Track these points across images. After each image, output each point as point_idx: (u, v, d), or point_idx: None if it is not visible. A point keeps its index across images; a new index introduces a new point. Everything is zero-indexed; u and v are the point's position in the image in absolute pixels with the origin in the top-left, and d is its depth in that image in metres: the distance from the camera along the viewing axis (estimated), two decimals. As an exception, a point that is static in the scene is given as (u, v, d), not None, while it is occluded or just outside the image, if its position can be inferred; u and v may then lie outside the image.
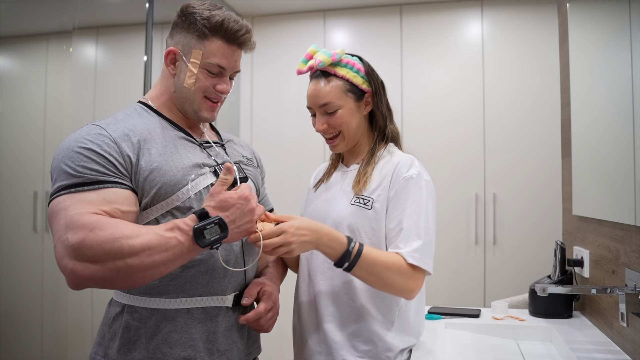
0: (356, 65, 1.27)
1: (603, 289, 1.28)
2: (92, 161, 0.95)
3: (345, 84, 1.25)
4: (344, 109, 1.25)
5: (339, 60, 1.26)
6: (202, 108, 1.11)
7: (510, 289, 2.67)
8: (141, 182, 1.00)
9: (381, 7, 3.12)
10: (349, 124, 1.26)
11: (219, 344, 1.07)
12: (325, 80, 1.25)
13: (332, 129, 1.27)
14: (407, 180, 1.20)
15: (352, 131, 1.27)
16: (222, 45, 1.08)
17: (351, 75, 1.25)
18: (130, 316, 1.04)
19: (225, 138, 1.25)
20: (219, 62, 1.08)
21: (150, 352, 1.02)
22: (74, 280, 0.88)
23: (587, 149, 1.64)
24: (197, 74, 1.08)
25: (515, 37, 2.93)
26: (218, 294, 1.07)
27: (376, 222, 1.21)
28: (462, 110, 2.97)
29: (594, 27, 1.60)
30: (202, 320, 1.06)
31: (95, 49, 2.70)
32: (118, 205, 0.95)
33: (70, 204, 0.91)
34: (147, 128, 1.06)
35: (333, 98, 1.24)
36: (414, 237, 1.16)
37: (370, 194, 1.22)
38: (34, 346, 2.33)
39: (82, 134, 0.99)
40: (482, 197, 2.91)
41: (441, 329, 1.54)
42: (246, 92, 3.29)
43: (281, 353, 3.10)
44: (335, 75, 1.25)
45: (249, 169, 1.22)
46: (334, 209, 1.26)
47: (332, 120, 1.26)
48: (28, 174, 2.33)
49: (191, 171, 1.05)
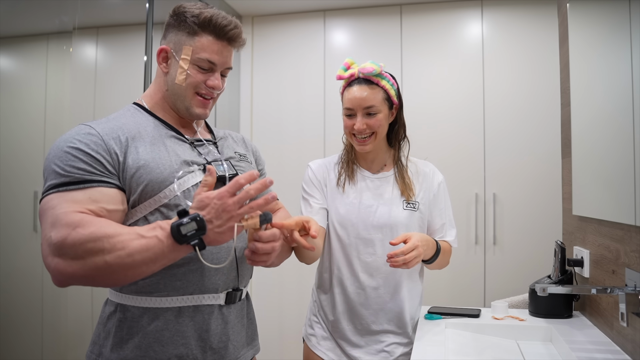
0: (391, 80, 1.52)
1: (603, 289, 1.28)
2: (80, 160, 0.97)
3: (384, 94, 1.48)
4: (382, 114, 1.48)
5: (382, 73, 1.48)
6: (193, 104, 1.12)
7: (510, 288, 2.67)
8: (128, 179, 1.02)
9: (381, 7, 3.12)
10: (383, 127, 1.50)
11: (211, 342, 1.08)
12: (369, 87, 1.47)
13: (369, 129, 1.48)
14: (440, 185, 1.58)
15: (382, 134, 1.52)
16: (211, 40, 1.09)
17: (389, 87, 1.49)
18: (122, 315, 1.05)
19: (218, 135, 1.25)
20: (209, 57, 1.09)
21: (143, 351, 1.03)
22: (58, 277, 0.90)
23: (587, 149, 1.64)
24: (188, 70, 1.09)
25: (515, 37, 2.93)
26: (210, 291, 1.08)
27: (422, 220, 1.54)
28: (462, 110, 2.97)
29: (594, 27, 1.60)
30: (194, 318, 1.06)
31: (96, 49, 2.70)
32: (104, 204, 0.97)
33: (57, 203, 0.93)
34: (137, 127, 1.08)
35: (377, 103, 1.46)
36: (451, 227, 1.59)
37: (416, 199, 1.53)
38: (34, 346, 2.33)
39: (72, 133, 1.02)
40: (482, 197, 2.91)
41: (441, 329, 1.54)
42: (246, 92, 3.29)
43: (281, 353, 3.10)
44: (378, 85, 1.47)
45: (241, 164, 1.22)
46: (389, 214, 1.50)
47: (372, 122, 1.47)
48: (28, 174, 2.33)
49: (179, 169, 1.06)
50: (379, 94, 1.47)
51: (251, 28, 3.30)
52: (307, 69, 3.21)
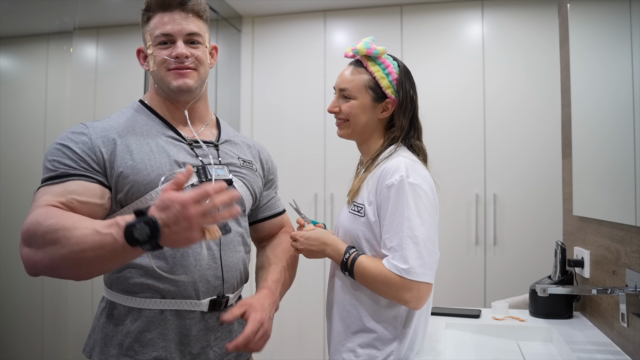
0: (390, 69, 1.28)
1: (603, 289, 1.27)
2: (66, 157, 1.01)
3: (370, 80, 1.26)
4: (357, 101, 1.26)
5: (376, 57, 1.28)
6: (170, 79, 1.11)
7: (510, 289, 2.67)
8: (114, 178, 1.03)
9: (382, 7, 3.11)
10: (357, 117, 1.27)
11: (191, 347, 1.07)
12: (355, 69, 1.29)
13: (342, 114, 1.29)
14: (389, 189, 1.15)
15: (359, 125, 1.27)
16: (160, 15, 1.11)
17: (379, 75, 1.27)
18: (110, 312, 1.08)
19: (223, 138, 1.23)
20: (162, 30, 1.10)
21: (124, 350, 1.04)
22: (26, 266, 0.92)
23: (588, 150, 1.64)
24: (153, 53, 1.11)
25: (515, 38, 2.93)
26: (191, 297, 1.07)
27: (370, 229, 1.19)
28: (462, 110, 2.97)
29: (594, 27, 1.60)
30: (175, 322, 1.06)
31: (96, 49, 2.70)
32: (76, 195, 0.98)
33: (39, 196, 0.98)
34: (133, 125, 1.09)
35: (352, 87, 1.26)
36: (397, 247, 1.11)
37: (362, 201, 1.21)
38: (34, 346, 2.33)
39: (67, 132, 1.06)
40: (483, 198, 2.91)
41: (441, 329, 1.54)
42: (246, 92, 3.29)
43: (281, 353, 3.10)
44: (366, 69, 1.27)
45: (243, 171, 1.20)
46: (340, 216, 1.30)
47: (344, 107, 1.28)
48: (28, 174, 2.33)
49: (168, 170, 1.06)
50: (360, 79, 1.26)
51: (251, 28, 3.30)
52: (307, 69, 3.21)
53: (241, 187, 1.18)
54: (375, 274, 1.13)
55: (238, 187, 1.17)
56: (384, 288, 1.12)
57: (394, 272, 1.10)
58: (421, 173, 1.18)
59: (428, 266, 1.11)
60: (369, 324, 1.19)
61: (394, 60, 1.31)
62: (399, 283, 1.10)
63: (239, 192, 1.17)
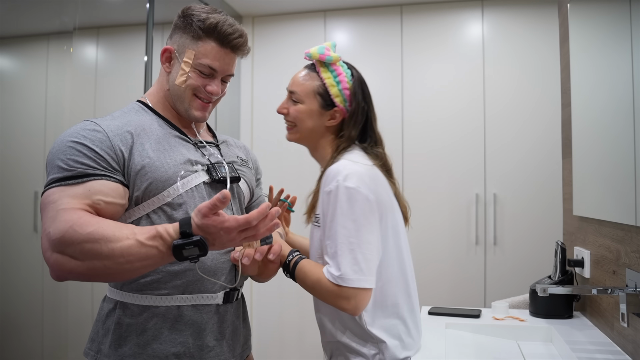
0: (341, 77, 1.24)
1: (604, 289, 1.27)
2: (84, 155, 0.98)
3: (320, 87, 1.24)
4: (304, 106, 1.25)
5: (330, 64, 1.25)
6: (192, 106, 1.13)
7: (510, 289, 2.67)
8: (133, 176, 1.02)
9: (382, 7, 3.11)
10: (303, 122, 1.25)
11: (208, 340, 1.09)
12: (308, 74, 1.27)
13: (290, 117, 1.27)
14: (328, 195, 1.13)
15: (306, 130, 1.26)
16: (214, 47, 1.09)
17: (330, 82, 1.23)
18: (122, 312, 1.06)
19: (220, 139, 1.26)
20: (211, 63, 1.10)
21: (141, 348, 1.04)
22: (57, 272, 0.92)
23: (588, 149, 1.64)
24: (189, 73, 1.10)
25: (515, 38, 2.93)
26: (208, 291, 1.09)
27: None
28: (462, 110, 2.97)
29: (594, 27, 1.60)
30: (192, 317, 1.07)
31: (96, 49, 2.70)
32: (102, 196, 0.97)
33: (58, 198, 0.94)
34: (142, 124, 1.09)
35: (301, 91, 1.25)
36: (333, 254, 1.10)
37: (319, 211, 1.19)
38: (34, 346, 2.33)
39: (77, 129, 1.02)
40: (483, 198, 2.91)
41: (441, 329, 1.54)
42: (246, 92, 3.29)
43: (281, 353, 3.10)
44: (318, 74, 1.25)
45: (243, 169, 1.24)
46: None
47: (292, 110, 1.26)
48: (28, 174, 2.33)
49: (183, 168, 1.07)
50: (309, 84, 1.25)
51: (251, 28, 3.30)
52: (307, 69, 3.21)
53: (243, 185, 1.21)
54: (314, 279, 1.13)
55: (241, 185, 1.20)
56: (321, 295, 1.13)
57: (329, 280, 1.10)
58: (360, 176, 1.13)
59: (365, 271, 1.09)
60: (342, 339, 1.20)
61: (349, 69, 1.27)
62: (335, 290, 1.09)
63: (244, 190, 1.22)
